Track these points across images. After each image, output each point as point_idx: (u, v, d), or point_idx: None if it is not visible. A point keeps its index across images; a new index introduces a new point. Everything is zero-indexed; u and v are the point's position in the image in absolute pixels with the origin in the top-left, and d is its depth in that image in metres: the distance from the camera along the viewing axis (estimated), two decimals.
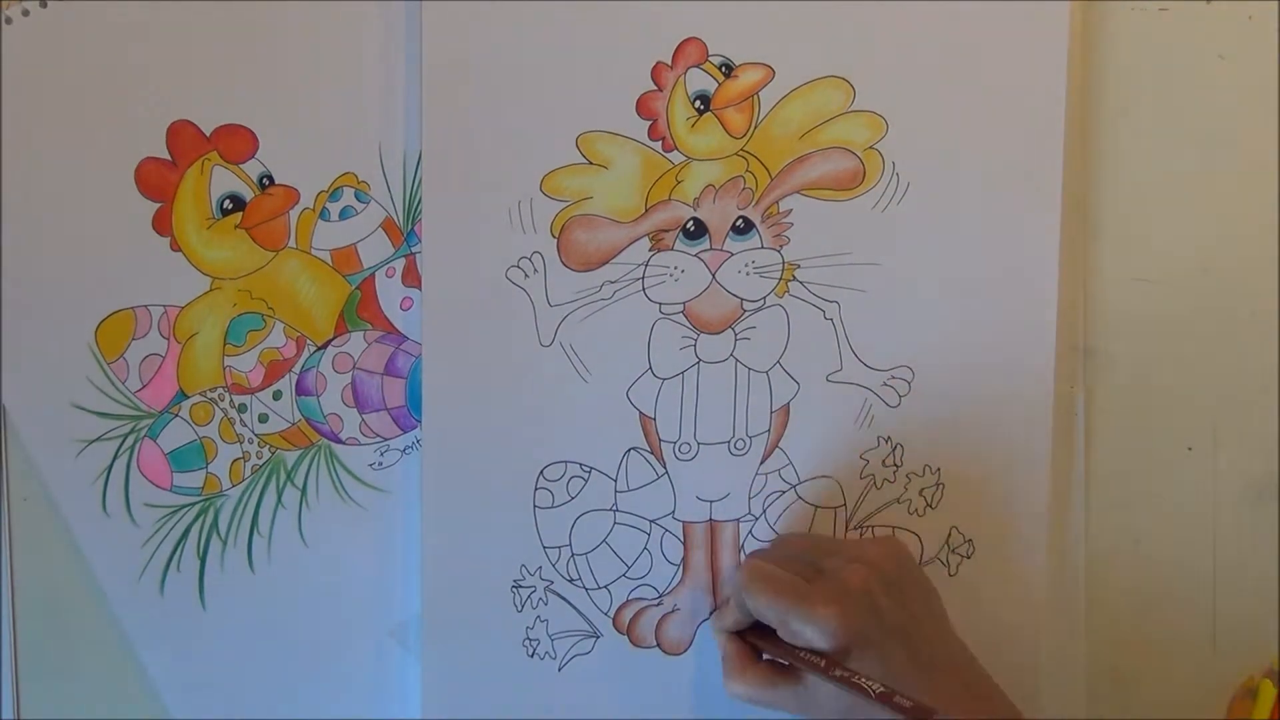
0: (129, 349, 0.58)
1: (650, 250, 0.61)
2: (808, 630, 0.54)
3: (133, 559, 0.60)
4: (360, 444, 0.61)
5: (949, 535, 0.65)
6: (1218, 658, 0.70)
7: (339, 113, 0.59)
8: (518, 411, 0.61)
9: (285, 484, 0.61)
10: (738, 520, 0.64)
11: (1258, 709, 0.67)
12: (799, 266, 0.62)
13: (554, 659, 0.63)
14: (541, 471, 0.61)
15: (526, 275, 0.60)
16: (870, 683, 0.52)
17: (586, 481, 0.62)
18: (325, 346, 0.60)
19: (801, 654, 0.55)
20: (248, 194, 0.59)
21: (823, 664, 0.54)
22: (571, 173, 0.60)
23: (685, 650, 0.64)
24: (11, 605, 0.59)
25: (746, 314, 0.62)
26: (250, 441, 0.60)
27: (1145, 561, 0.68)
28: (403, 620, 0.62)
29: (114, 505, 0.59)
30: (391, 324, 0.61)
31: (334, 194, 0.59)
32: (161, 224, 0.58)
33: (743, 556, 0.64)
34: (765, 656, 0.59)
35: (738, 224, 0.61)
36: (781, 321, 0.62)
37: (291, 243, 0.59)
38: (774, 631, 0.57)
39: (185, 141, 0.58)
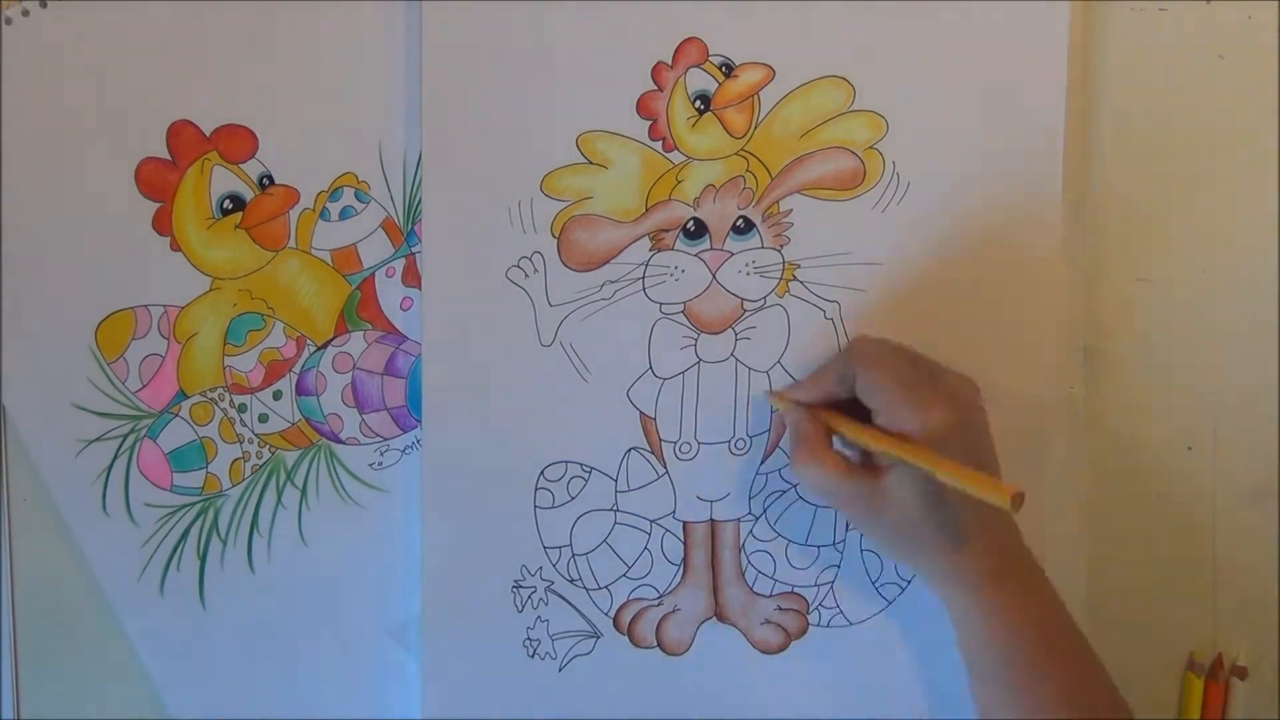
0: (129, 349, 0.58)
1: (650, 250, 0.61)
2: (914, 423, 0.53)
3: (133, 559, 0.60)
4: (360, 444, 0.61)
5: None
6: None
7: (339, 113, 0.59)
8: (518, 411, 0.61)
9: (285, 484, 0.61)
10: (738, 520, 0.63)
11: (1187, 708, 0.67)
12: (799, 266, 0.62)
13: (554, 659, 0.63)
14: (542, 471, 0.61)
15: (526, 275, 0.60)
16: (949, 464, 0.51)
17: (587, 481, 0.62)
18: (325, 346, 0.60)
19: (894, 437, 0.54)
20: (248, 194, 0.59)
21: (916, 449, 0.53)
22: (571, 173, 0.60)
23: (685, 650, 0.64)
24: (11, 605, 0.59)
25: (747, 314, 0.62)
26: (250, 441, 0.60)
27: (1145, 561, 0.68)
28: (403, 620, 0.62)
29: (114, 505, 0.59)
30: (391, 324, 0.61)
31: (334, 194, 0.59)
32: (161, 224, 0.58)
33: (743, 557, 0.64)
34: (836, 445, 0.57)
35: (738, 224, 0.61)
36: (782, 321, 0.62)
37: (291, 243, 0.59)
38: (858, 417, 0.56)
39: (185, 141, 0.58)
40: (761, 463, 0.63)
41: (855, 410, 0.57)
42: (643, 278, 0.61)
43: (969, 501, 0.53)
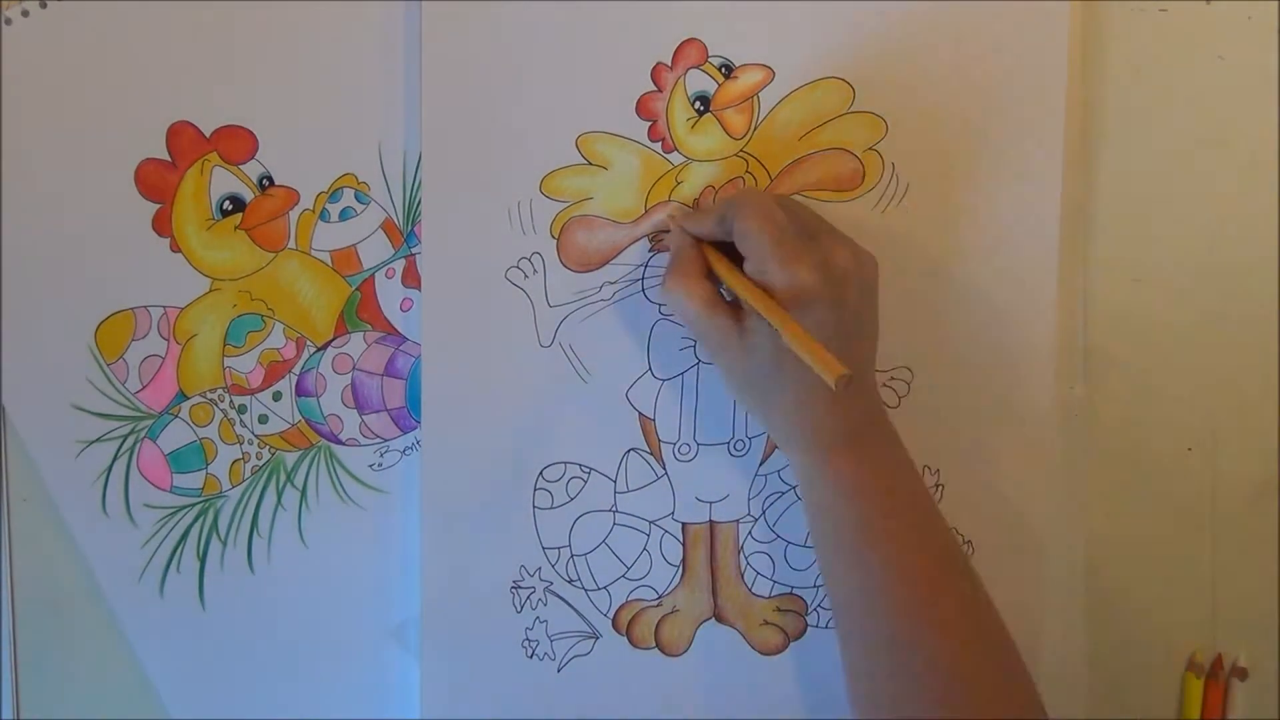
0: (129, 350, 0.58)
1: (650, 251, 0.61)
2: (778, 278, 0.53)
3: (132, 559, 0.60)
4: (360, 445, 0.61)
5: None
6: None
7: (339, 113, 0.59)
8: (517, 412, 0.61)
9: (285, 485, 0.61)
10: (737, 521, 0.64)
11: (1187, 708, 0.67)
12: None
13: (553, 660, 0.63)
14: (541, 472, 0.61)
15: (526, 276, 0.60)
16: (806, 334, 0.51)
17: (586, 482, 0.62)
18: (325, 347, 0.60)
19: (756, 286, 0.53)
20: (248, 195, 0.58)
21: (769, 303, 0.52)
22: (571, 173, 0.60)
23: (684, 651, 0.64)
24: (11, 605, 0.59)
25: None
26: (250, 442, 0.60)
27: (1145, 561, 0.68)
28: (403, 620, 0.62)
29: (114, 506, 0.59)
30: (391, 325, 0.61)
31: (334, 195, 0.59)
32: (161, 225, 0.58)
33: (742, 558, 0.64)
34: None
35: None
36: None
37: (291, 244, 0.59)
38: (735, 261, 0.55)
39: (185, 142, 0.58)
40: (761, 464, 0.63)
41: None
42: (642, 279, 0.61)
43: None
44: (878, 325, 0.58)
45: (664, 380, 0.62)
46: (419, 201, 0.59)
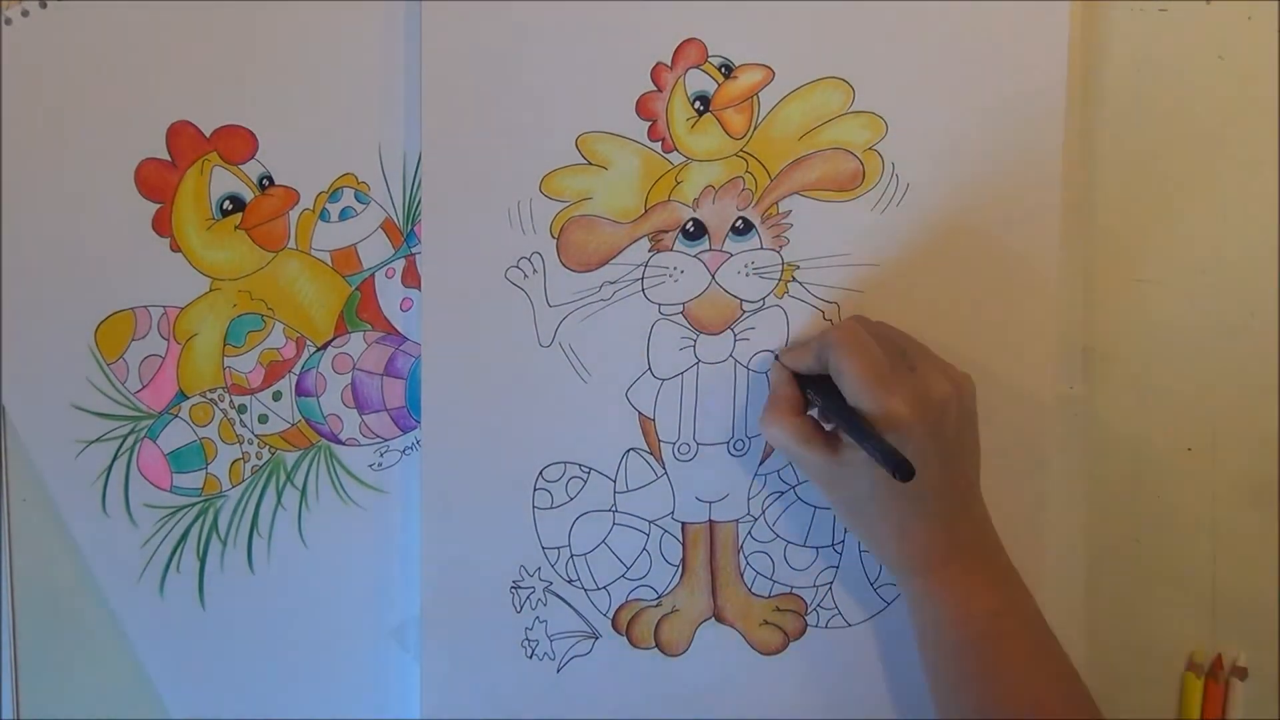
0: (129, 350, 0.58)
1: (650, 251, 0.61)
2: (875, 412, 0.55)
3: (133, 559, 0.60)
4: (360, 445, 0.61)
5: None
6: None
7: (339, 113, 0.59)
8: (517, 412, 0.61)
9: (285, 485, 0.61)
10: (737, 521, 0.64)
11: (1187, 708, 0.67)
12: (798, 267, 0.62)
13: (553, 660, 0.63)
14: (541, 472, 0.61)
15: (526, 276, 0.60)
16: (873, 434, 0.53)
17: (586, 482, 0.62)
18: (325, 347, 0.60)
19: (856, 417, 0.55)
20: (248, 195, 0.59)
21: (869, 432, 0.54)
22: (571, 173, 0.60)
23: (684, 651, 0.64)
24: (11, 605, 0.59)
25: (746, 315, 0.62)
26: (250, 442, 0.60)
27: (1145, 561, 0.68)
28: (403, 620, 0.62)
29: (114, 506, 0.59)
30: (391, 324, 0.61)
31: (334, 195, 0.59)
32: (161, 224, 0.58)
33: (742, 558, 0.64)
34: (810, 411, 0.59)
35: (737, 225, 0.61)
36: (781, 322, 0.62)
37: (291, 243, 0.59)
38: (834, 393, 0.57)
39: (185, 142, 0.58)
40: (760, 464, 0.63)
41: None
42: (642, 278, 0.61)
43: (920, 493, 0.55)
44: (979, 445, 0.59)
45: (664, 380, 0.62)
46: (419, 201, 0.60)
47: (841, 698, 0.65)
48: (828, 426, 0.59)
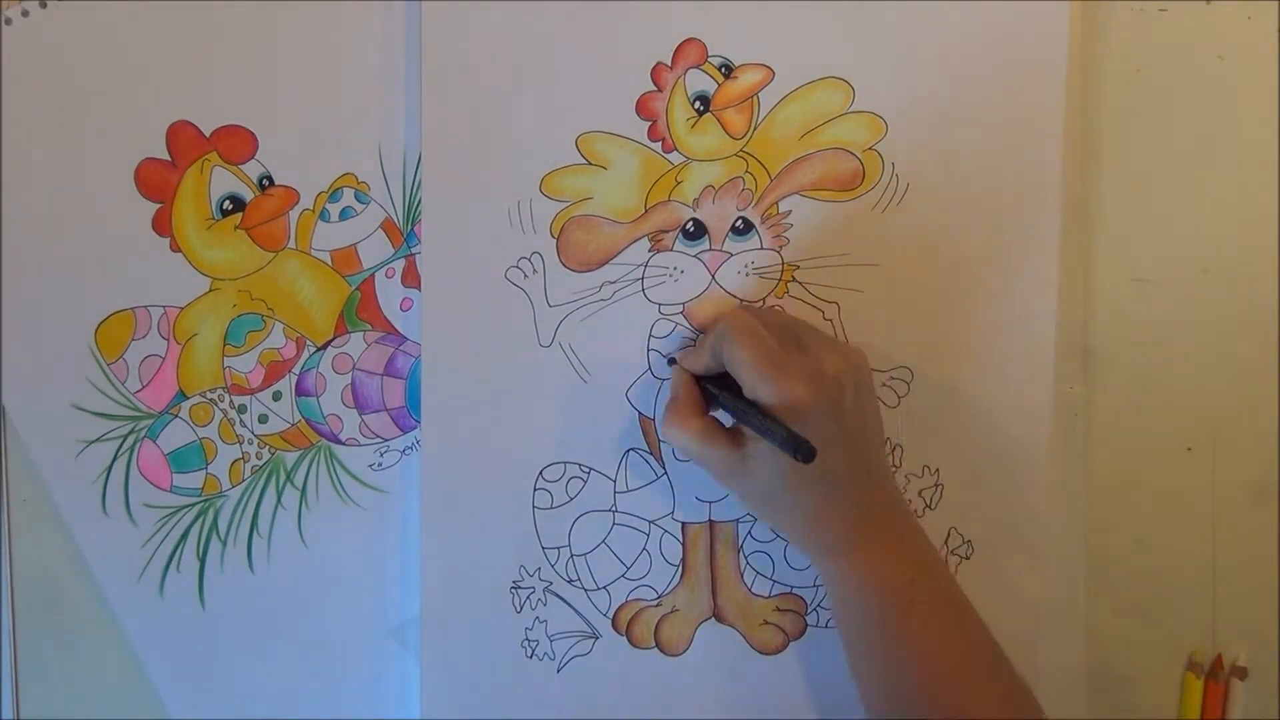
0: (129, 349, 0.58)
1: (650, 251, 0.61)
2: (771, 397, 0.54)
3: (133, 559, 0.60)
4: (360, 445, 0.61)
5: (948, 536, 0.65)
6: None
7: (339, 113, 0.59)
8: (517, 412, 0.61)
9: (285, 485, 0.61)
10: (737, 521, 0.64)
11: (1187, 708, 0.67)
12: (798, 267, 0.62)
13: (553, 660, 0.63)
14: (541, 472, 0.61)
15: (526, 275, 0.60)
16: (760, 417, 0.53)
17: (586, 482, 0.62)
18: (325, 347, 0.60)
19: (753, 411, 0.55)
20: (247, 194, 0.59)
21: (768, 422, 0.54)
22: (571, 173, 0.60)
23: (684, 651, 0.64)
24: (11, 605, 0.59)
25: None
26: (250, 442, 0.60)
27: (1145, 561, 0.68)
28: (403, 620, 0.62)
29: (114, 506, 0.59)
30: (391, 324, 0.61)
31: (334, 195, 0.59)
32: (161, 224, 0.58)
33: (742, 558, 0.64)
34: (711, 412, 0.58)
35: (737, 225, 0.61)
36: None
37: (291, 243, 0.59)
38: (732, 388, 0.56)
39: (185, 142, 0.58)
40: None
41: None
42: (642, 278, 0.61)
43: (825, 477, 0.55)
44: (880, 417, 0.59)
45: (664, 380, 0.62)
46: (419, 201, 0.60)
47: (841, 698, 0.65)
48: (728, 424, 0.58)
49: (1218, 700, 0.69)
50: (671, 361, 0.61)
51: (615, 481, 0.62)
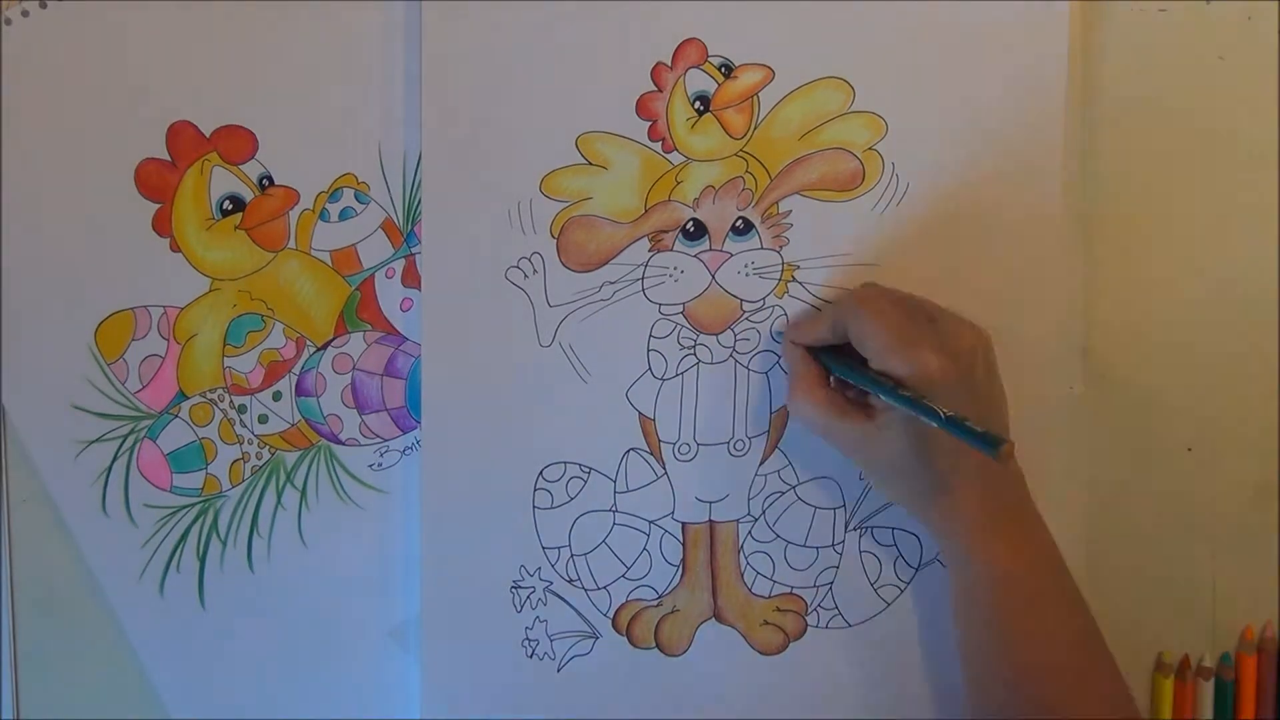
0: (129, 350, 0.58)
1: (650, 251, 0.61)
2: (904, 368, 0.54)
3: (132, 559, 0.60)
4: (360, 445, 0.61)
5: None
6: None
7: (339, 113, 0.59)
8: (517, 412, 0.61)
9: (285, 485, 0.61)
10: (737, 521, 0.64)
11: (1160, 709, 0.67)
12: (798, 267, 0.62)
13: (553, 659, 0.63)
14: (541, 472, 0.61)
15: (526, 276, 0.60)
16: (944, 409, 0.52)
17: (586, 482, 0.62)
18: (325, 347, 0.60)
19: (884, 379, 0.55)
20: (247, 195, 0.59)
21: (900, 390, 0.54)
22: (571, 173, 0.60)
23: (684, 651, 0.64)
24: (11, 605, 0.59)
25: (746, 315, 0.62)
26: (250, 442, 0.60)
27: (1145, 561, 0.68)
28: (403, 620, 0.62)
29: (114, 506, 0.59)
30: (391, 325, 0.61)
31: (334, 195, 0.59)
32: (161, 224, 0.58)
33: (742, 558, 0.64)
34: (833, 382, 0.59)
35: (737, 225, 0.61)
36: (781, 322, 0.62)
37: (291, 243, 0.59)
38: (855, 359, 0.57)
39: (185, 142, 0.58)
40: (760, 464, 0.63)
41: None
42: (642, 278, 0.61)
43: (959, 449, 0.55)
44: (1005, 396, 0.59)
45: (664, 380, 0.62)
46: (419, 201, 0.60)
47: (841, 698, 0.65)
48: (852, 393, 0.58)
49: (1187, 701, 0.69)
50: (780, 338, 0.61)
51: (615, 481, 0.62)
